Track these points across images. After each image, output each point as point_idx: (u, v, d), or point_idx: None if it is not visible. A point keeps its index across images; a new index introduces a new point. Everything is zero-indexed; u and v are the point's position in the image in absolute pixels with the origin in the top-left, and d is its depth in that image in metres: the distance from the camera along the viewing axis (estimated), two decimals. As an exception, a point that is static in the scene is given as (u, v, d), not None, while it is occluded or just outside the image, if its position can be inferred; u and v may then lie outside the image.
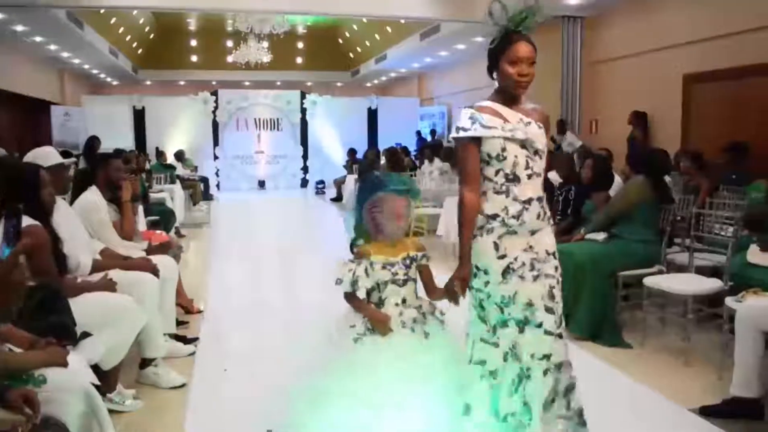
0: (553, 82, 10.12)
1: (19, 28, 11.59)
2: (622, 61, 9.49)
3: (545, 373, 2.35)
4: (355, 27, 18.74)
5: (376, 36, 17.38)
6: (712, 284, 4.00)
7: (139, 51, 19.69)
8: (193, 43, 21.30)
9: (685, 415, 3.15)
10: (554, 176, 6.22)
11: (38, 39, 12.72)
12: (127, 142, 14.10)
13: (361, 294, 2.61)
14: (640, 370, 3.72)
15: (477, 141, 2.38)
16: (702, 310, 4.21)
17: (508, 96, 2.42)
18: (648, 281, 4.14)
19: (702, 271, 4.39)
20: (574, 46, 10.19)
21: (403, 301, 2.56)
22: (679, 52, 8.16)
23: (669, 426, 3.06)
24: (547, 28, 10.38)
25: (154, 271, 3.67)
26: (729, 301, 3.55)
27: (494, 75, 2.44)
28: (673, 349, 4.10)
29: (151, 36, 19.93)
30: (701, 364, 3.84)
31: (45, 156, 3.54)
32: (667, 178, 5.81)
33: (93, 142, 10.42)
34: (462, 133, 2.40)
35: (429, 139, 15.77)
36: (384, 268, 2.56)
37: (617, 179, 5.66)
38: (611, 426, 3.00)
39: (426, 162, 10.25)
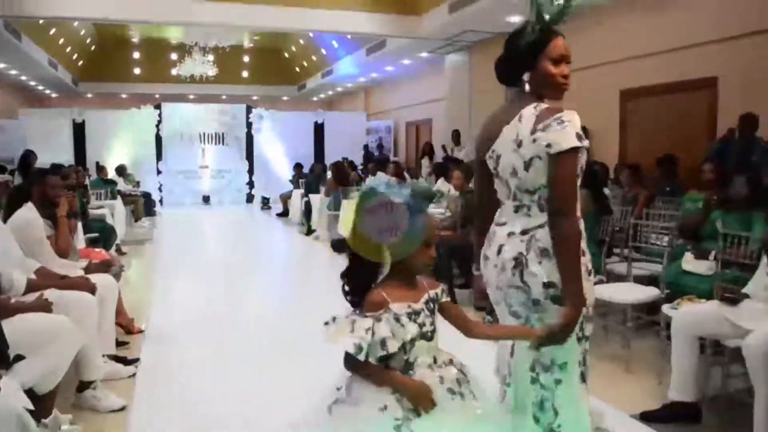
0: (496, 97, 10.32)
1: (-49, 38, 11.18)
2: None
3: None
4: (301, 41, 18.72)
5: (323, 50, 17.40)
6: (650, 293, 4.13)
7: (80, 63, 19.20)
8: (136, 55, 20.89)
9: (627, 421, 3.22)
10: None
11: (-28, 50, 12.29)
12: (67, 157, 13.74)
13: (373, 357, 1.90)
14: (582, 379, 3.79)
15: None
16: (641, 318, 4.34)
17: (547, 100, 2.06)
18: (589, 291, 4.23)
19: (640, 280, 4.53)
20: (516, 62, 10.44)
21: (434, 359, 1.95)
22: (616, 68, 8.44)
23: (611, 433, 3.12)
24: (490, 44, 10.62)
25: (92, 290, 3.56)
26: (665, 308, 3.67)
27: (525, 77, 2.07)
28: (614, 356, 4.20)
29: (93, 48, 19.47)
30: (641, 370, 3.94)
31: (-25, 172, 3.41)
32: (606, 191, 6.01)
33: (28, 156, 10.07)
34: (584, 142, 1.94)
35: (376, 153, 15.86)
36: (410, 319, 1.90)
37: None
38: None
39: (370, 176, 10.31)
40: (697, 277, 4.16)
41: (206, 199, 16.10)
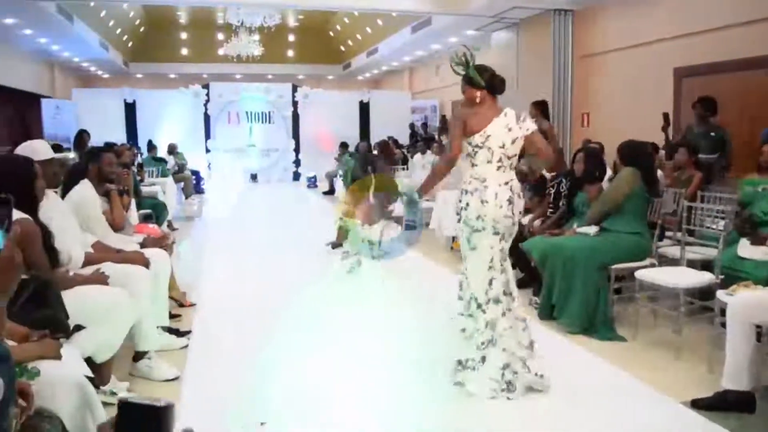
0: (544, 75, 10.15)
1: (9, 21, 11.49)
2: (613, 54, 9.50)
3: None
4: (346, 20, 18.67)
5: (368, 29, 17.33)
6: (704, 277, 4.02)
7: (130, 44, 19.56)
8: (184, 35, 21.18)
9: (677, 408, 3.16)
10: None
11: (28, 32, 12.62)
12: (119, 135, 14.08)
13: None
14: (631, 364, 3.74)
15: None
16: (693, 303, 4.23)
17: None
18: (640, 274, 4.15)
19: (693, 264, 4.41)
20: (565, 40, 10.18)
21: None
22: (669, 45, 8.18)
23: (661, 419, 3.07)
24: (538, 21, 10.41)
25: (147, 264, 3.66)
26: (720, 294, 3.56)
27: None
28: (664, 342, 4.12)
29: (142, 29, 19.81)
30: (692, 357, 3.85)
31: (36, 150, 3.50)
32: (660, 172, 5.85)
33: (82, 135, 10.32)
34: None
35: (421, 132, 15.77)
36: None
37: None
38: (603, 419, 3.03)
39: (419, 154, 10.27)
40: (754, 263, 4.02)
41: (254, 177, 16.32)
